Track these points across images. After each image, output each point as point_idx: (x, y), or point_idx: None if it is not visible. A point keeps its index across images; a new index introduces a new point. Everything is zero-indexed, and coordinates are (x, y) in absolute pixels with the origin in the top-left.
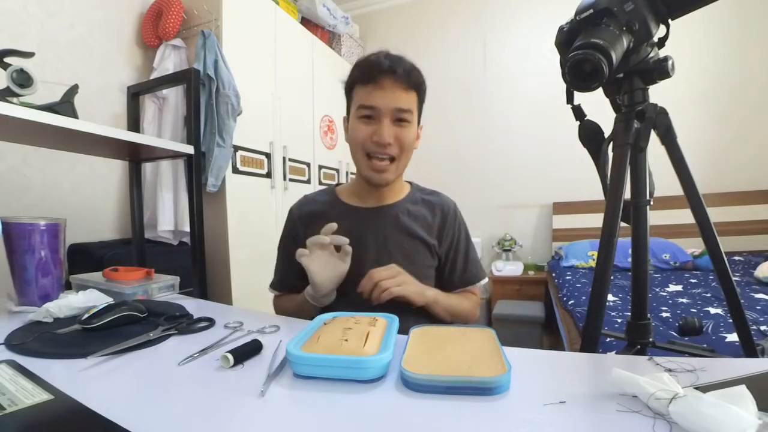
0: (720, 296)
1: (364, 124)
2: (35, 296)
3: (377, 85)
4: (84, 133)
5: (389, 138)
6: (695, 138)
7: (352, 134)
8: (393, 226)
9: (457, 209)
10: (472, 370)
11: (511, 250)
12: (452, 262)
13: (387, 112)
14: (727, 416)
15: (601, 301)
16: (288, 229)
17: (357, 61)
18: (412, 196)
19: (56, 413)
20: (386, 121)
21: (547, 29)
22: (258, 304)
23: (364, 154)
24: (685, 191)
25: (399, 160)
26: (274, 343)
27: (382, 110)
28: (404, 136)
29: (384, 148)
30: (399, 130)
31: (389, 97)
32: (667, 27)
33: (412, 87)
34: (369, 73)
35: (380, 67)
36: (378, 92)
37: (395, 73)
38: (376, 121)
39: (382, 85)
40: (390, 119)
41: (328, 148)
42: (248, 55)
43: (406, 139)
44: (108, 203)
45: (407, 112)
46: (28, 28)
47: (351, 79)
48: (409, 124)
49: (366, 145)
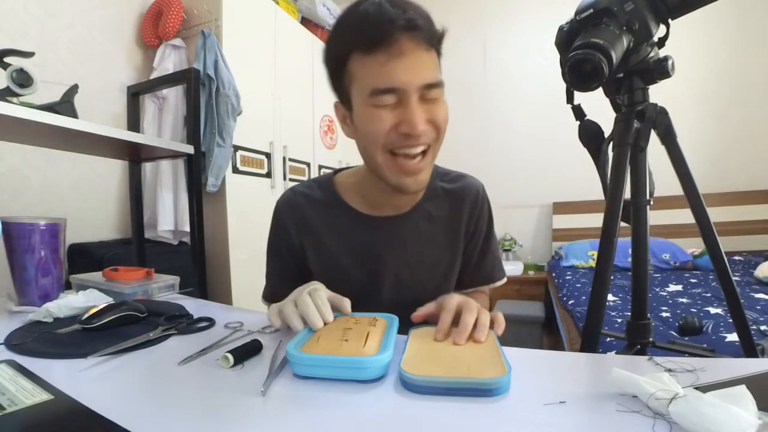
0: (720, 296)
1: (384, 110)
2: (35, 296)
3: (390, 54)
4: (84, 133)
5: (422, 124)
6: (695, 138)
7: (368, 128)
8: (413, 236)
9: (485, 196)
10: (471, 371)
11: (511, 250)
12: (470, 256)
13: (414, 90)
14: (727, 416)
15: (601, 301)
16: (278, 235)
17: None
18: (433, 189)
19: (56, 413)
20: (414, 101)
21: (547, 29)
22: (258, 304)
23: (386, 151)
24: (685, 191)
25: (433, 148)
26: (274, 343)
27: (408, 89)
28: (439, 114)
29: (417, 139)
30: (431, 108)
31: (414, 68)
32: (667, 27)
33: (433, 43)
34: (378, 31)
35: (392, 21)
36: (397, 63)
37: (415, 27)
38: (400, 105)
39: (399, 54)
40: (418, 98)
41: (328, 147)
42: (248, 55)
43: (442, 118)
44: (108, 203)
45: (438, 85)
46: (28, 28)
47: (342, 45)
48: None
49: (390, 140)
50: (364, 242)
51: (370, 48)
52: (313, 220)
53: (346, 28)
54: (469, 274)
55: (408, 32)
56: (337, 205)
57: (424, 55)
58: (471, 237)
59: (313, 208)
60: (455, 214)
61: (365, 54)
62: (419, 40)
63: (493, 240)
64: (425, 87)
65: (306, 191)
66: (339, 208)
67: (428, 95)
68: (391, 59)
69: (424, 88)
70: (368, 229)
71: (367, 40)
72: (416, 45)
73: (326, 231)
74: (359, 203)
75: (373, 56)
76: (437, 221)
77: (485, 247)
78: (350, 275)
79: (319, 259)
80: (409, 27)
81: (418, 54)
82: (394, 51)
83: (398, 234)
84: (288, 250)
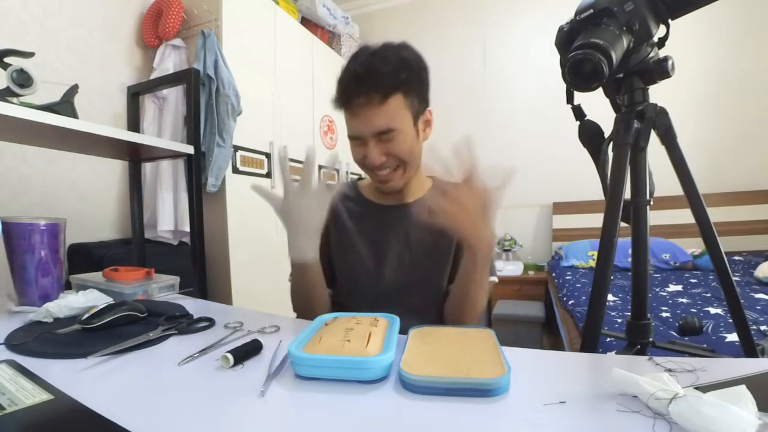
0: (720, 296)
1: (356, 146)
2: (35, 296)
3: (351, 113)
4: (84, 133)
5: (379, 159)
6: (695, 138)
7: (353, 157)
8: (415, 224)
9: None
10: (471, 371)
11: (511, 250)
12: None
13: (369, 137)
14: (727, 416)
15: (601, 301)
16: None
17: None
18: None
19: (56, 413)
20: (371, 143)
21: (547, 29)
22: (258, 304)
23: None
24: (685, 191)
25: (402, 167)
26: (274, 343)
27: (364, 136)
28: (395, 148)
29: (378, 169)
30: (388, 145)
31: (365, 123)
32: (667, 27)
33: (390, 93)
34: (342, 97)
35: (351, 89)
36: (354, 120)
37: (365, 91)
38: (363, 144)
39: (356, 113)
40: (375, 140)
41: (328, 148)
42: (248, 55)
43: (399, 150)
44: (108, 203)
45: (388, 131)
46: (28, 28)
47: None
48: (397, 134)
49: (363, 166)
50: (374, 225)
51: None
52: (338, 208)
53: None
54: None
55: (362, 97)
56: (357, 198)
57: (375, 112)
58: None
59: (340, 200)
60: None
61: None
62: (371, 103)
63: None
64: (376, 133)
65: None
66: (358, 200)
67: (383, 138)
68: (352, 118)
69: (376, 134)
70: (378, 215)
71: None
72: (367, 104)
73: (346, 217)
74: (372, 195)
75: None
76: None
77: None
78: (361, 254)
79: (338, 240)
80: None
81: (369, 111)
82: (352, 113)
83: (402, 220)
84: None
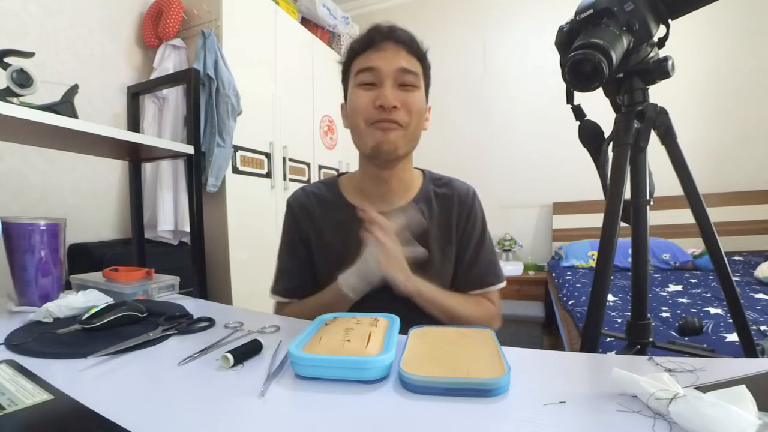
0: (720, 296)
1: (365, 91)
2: (35, 296)
3: (376, 47)
4: (84, 133)
5: (394, 100)
6: (695, 138)
7: (352, 105)
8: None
9: (476, 198)
10: (471, 371)
11: (511, 250)
12: (461, 259)
13: (389, 74)
14: (727, 416)
15: (601, 301)
16: (291, 228)
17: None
18: (425, 191)
19: (56, 413)
20: (389, 83)
21: (547, 29)
22: (258, 304)
23: (367, 124)
24: (685, 191)
25: (408, 127)
26: (274, 343)
27: (383, 71)
28: (412, 100)
29: (389, 113)
30: (405, 94)
31: (391, 58)
32: (667, 27)
33: (415, 54)
34: (367, 39)
35: (379, 31)
36: (378, 53)
37: (395, 36)
38: (377, 87)
39: (381, 47)
40: (393, 81)
41: (328, 148)
42: (248, 55)
43: (414, 103)
44: (108, 203)
45: (412, 74)
46: (28, 28)
47: (349, 55)
48: (416, 89)
49: (368, 113)
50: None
51: (363, 50)
52: (317, 216)
53: (353, 42)
54: (462, 275)
55: (389, 40)
56: (339, 202)
57: (401, 52)
58: (462, 235)
59: (319, 206)
60: (446, 215)
61: (360, 54)
62: (399, 45)
63: (487, 244)
64: (400, 70)
65: (314, 190)
66: (340, 205)
67: (403, 79)
68: (374, 52)
69: (399, 72)
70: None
71: (361, 46)
72: (395, 46)
73: (327, 227)
74: (358, 199)
75: (364, 54)
76: (430, 220)
77: (476, 251)
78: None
79: (320, 252)
80: (390, 37)
81: (396, 50)
82: (377, 48)
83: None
84: (300, 239)
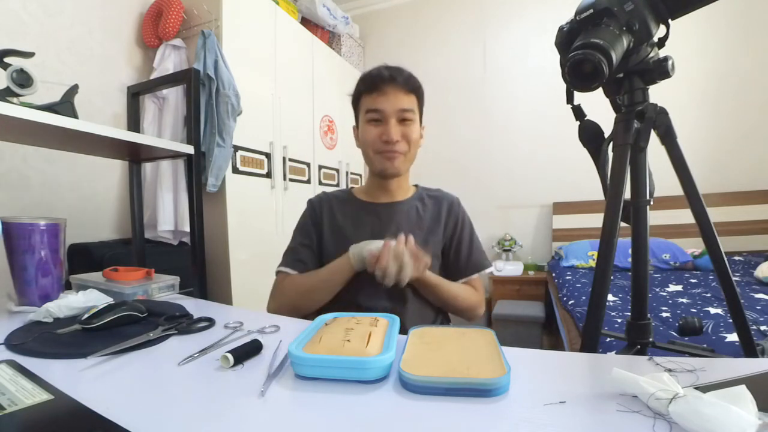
0: (720, 296)
1: (373, 127)
2: (35, 296)
3: (381, 92)
4: (84, 133)
5: (396, 135)
6: (695, 138)
7: (363, 137)
8: (405, 219)
9: (460, 203)
10: (471, 371)
11: (511, 250)
12: (456, 249)
13: (392, 113)
14: (727, 416)
15: (601, 301)
16: (308, 216)
17: (361, 75)
18: (419, 194)
19: (56, 413)
20: (392, 121)
21: (547, 29)
22: (258, 304)
23: (376, 152)
24: (685, 191)
25: (407, 153)
26: (274, 343)
27: (387, 112)
28: (409, 132)
29: (393, 145)
30: (404, 128)
31: (392, 100)
32: (667, 27)
33: (412, 91)
34: (373, 83)
35: (382, 77)
36: (382, 98)
37: (396, 80)
38: (383, 123)
39: (385, 92)
40: (395, 119)
41: (328, 148)
42: (248, 55)
43: (411, 135)
44: (108, 203)
45: (409, 111)
46: (28, 28)
47: (357, 91)
48: (413, 122)
49: (376, 145)
50: (367, 221)
51: (370, 91)
52: (334, 207)
53: (361, 82)
54: (463, 263)
55: (392, 83)
56: (352, 199)
57: (401, 95)
58: (453, 230)
59: (336, 201)
60: (437, 211)
61: (368, 94)
62: (398, 87)
63: (476, 236)
64: (400, 111)
65: (332, 192)
66: (352, 201)
67: (403, 116)
68: (380, 96)
69: (399, 112)
70: (370, 212)
71: (369, 87)
72: (396, 89)
73: (341, 216)
74: (365, 197)
75: (370, 95)
76: (424, 214)
77: (470, 242)
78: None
79: (333, 236)
80: (392, 80)
81: (396, 94)
82: (381, 92)
83: (392, 216)
84: (313, 223)
